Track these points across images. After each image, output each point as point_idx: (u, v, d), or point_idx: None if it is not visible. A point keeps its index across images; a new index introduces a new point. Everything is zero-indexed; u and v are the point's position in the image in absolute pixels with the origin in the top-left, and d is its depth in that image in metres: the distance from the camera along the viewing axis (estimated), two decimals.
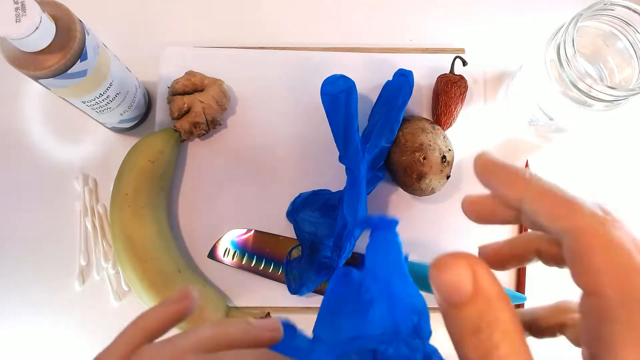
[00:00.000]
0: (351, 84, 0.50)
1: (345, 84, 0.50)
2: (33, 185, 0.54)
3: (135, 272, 0.46)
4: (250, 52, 0.56)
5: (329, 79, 0.50)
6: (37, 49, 0.36)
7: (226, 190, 0.53)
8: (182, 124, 0.51)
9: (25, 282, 0.52)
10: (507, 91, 0.55)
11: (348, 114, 0.50)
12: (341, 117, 0.50)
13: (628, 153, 0.56)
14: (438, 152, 0.48)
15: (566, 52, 0.42)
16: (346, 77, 0.50)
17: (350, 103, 0.50)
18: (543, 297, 0.53)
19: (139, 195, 0.48)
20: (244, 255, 0.52)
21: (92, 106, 0.45)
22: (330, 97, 0.50)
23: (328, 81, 0.50)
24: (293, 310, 0.51)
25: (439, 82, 0.53)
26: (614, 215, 0.20)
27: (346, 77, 0.50)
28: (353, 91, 0.50)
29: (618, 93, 0.41)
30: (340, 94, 0.49)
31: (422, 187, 0.48)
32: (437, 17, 0.59)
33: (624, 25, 0.45)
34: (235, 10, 0.59)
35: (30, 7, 0.34)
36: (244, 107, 0.55)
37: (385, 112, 0.50)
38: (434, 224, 0.53)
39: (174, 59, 0.55)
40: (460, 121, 0.54)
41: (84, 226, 0.53)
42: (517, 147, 0.55)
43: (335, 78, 0.50)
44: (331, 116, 0.50)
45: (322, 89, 0.50)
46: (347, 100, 0.50)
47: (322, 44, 0.57)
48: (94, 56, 0.40)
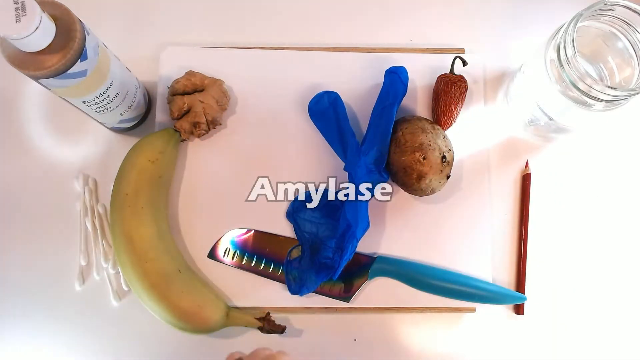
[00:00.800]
0: (335, 95, 0.52)
1: (330, 97, 0.52)
2: (33, 185, 0.54)
3: (135, 272, 0.46)
4: (250, 52, 0.56)
5: (314, 99, 0.52)
6: (37, 49, 0.36)
7: (226, 190, 0.53)
8: (182, 124, 0.51)
9: (25, 282, 0.52)
10: (507, 91, 0.55)
11: (340, 124, 0.52)
12: (334, 129, 0.52)
13: (628, 153, 0.56)
14: (438, 152, 0.48)
15: (566, 52, 0.42)
16: (329, 91, 0.52)
17: (339, 113, 0.52)
18: (543, 297, 0.53)
19: (139, 195, 0.48)
20: (244, 255, 0.52)
21: (92, 106, 0.45)
22: (319, 115, 0.52)
23: (314, 101, 0.52)
24: (293, 310, 0.51)
25: (439, 82, 0.53)
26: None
27: (329, 91, 0.52)
28: (338, 101, 0.52)
29: (618, 93, 0.41)
30: (327, 109, 0.52)
31: (422, 187, 0.48)
32: (437, 17, 0.59)
33: (624, 25, 0.45)
34: (235, 10, 0.59)
35: (30, 7, 0.34)
36: (244, 107, 0.55)
37: (379, 112, 0.51)
38: (434, 224, 0.53)
39: (174, 59, 0.55)
40: (460, 121, 0.54)
41: (84, 226, 0.53)
42: (517, 147, 0.55)
43: (319, 96, 0.52)
44: (325, 131, 0.53)
45: (310, 110, 0.53)
46: (335, 112, 0.52)
47: (322, 44, 0.57)
48: (94, 56, 0.40)
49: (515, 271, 0.53)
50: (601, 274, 0.53)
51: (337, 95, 0.52)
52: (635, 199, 0.55)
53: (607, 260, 0.54)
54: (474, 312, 0.52)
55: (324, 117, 0.52)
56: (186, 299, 0.47)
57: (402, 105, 0.54)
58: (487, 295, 0.50)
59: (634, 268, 0.54)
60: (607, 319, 0.53)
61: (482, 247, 0.52)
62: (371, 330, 0.52)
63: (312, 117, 0.53)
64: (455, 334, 0.52)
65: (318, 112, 0.52)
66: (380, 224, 0.52)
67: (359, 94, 0.55)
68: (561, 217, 0.54)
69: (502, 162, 0.55)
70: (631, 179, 0.55)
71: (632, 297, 0.53)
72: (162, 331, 0.50)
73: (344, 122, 0.51)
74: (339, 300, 0.51)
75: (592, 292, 0.53)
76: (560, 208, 0.54)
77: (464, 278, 0.51)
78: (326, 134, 0.53)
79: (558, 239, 0.54)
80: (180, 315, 0.47)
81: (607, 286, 0.53)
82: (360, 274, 0.51)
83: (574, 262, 0.54)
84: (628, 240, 0.54)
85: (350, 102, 0.54)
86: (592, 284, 0.53)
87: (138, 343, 0.51)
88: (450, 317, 0.52)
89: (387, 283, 0.51)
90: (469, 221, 0.53)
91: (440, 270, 0.51)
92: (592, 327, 0.52)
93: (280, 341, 0.51)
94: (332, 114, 0.52)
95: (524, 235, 0.53)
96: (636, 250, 0.54)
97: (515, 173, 0.55)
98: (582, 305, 0.53)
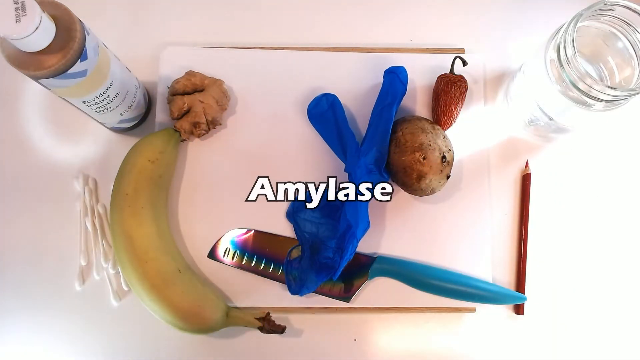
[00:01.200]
0: (333, 98, 0.52)
1: (328, 100, 0.52)
2: (33, 185, 0.54)
3: (135, 272, 0.46)
4: (250, 52, 0.56)
5: (312, 103, 0.53)
6: (37, 49, 0.36)
7: (226, 190, 0.53)
8: (182, 124, 0.51)
9: (25, 282, 0.52)
10: (507, 91, 0.55)
11: (339, 126, 0.52)
12: (333, 131, 0.52)
13: (628, 153, 0.56)
14: (438, 152, 0.48)
15: (566, 52, 0.42)
16: (327, 94, 0.53)
17: (337, 115, 0.52)
18: (543, 297, 0.53)
19: (139, 195, 0.48)
20: (244, 255, 0.52)
21: (92, 106, 0.45)
22: (318, 118, 0.53)
23: (312, 105, 0.53)
24: (293, 310, 0.51)
25: (439, 82, 0.53)
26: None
27: (327, 94, 0.53)
28: (337, 103, 0.53)
29: (618, 93, 0.41)
30: (326, 112, 0.52)
31: (422, 187, 0.48)
32: (437, 17, 0.59)
33: (624, 25, 0.45)
34: (235, 10, 0.59)
35: (30, 7, 0.34)
36: (244, 107, 0.55)
37: (378, 112, 0.51)
38: (434, 224, 0.53)
39: (174, 59, 0.55)
40: (460, 121, 0.54)
41: (84, 226, 0.53)
42: (517, 147, 0.55)
43: (317, 99, 0.53)
44: (325, 134, 0.54)
45: (309, 113, 0.53)
46: (334, 114, 0.52)
47: (322, 44, 0.57)
48: (94, 56, 0.40)
49: (515, 271, 0.53)
50: (601, 273, 0.53)
51: (335, 97, 0.52)
52: (635, 199, 0.55)
53: (607, 260, 0.54)
54: (474, 312, 0.52)
55: (323, 120, 0.52)
56: (186, 299, 0.47)
57: (402, 105, 0.54)
58: (487, 295, 0.50)
59: (634, 268, 0.54)
60: (607, 319, 0.53)
61: (482, 247, 0.52)
62: (371, 330, 0.52)
63: (312, 120, 0.53)
64: (455, 334, 0.52)
65: (317, 115, 0.53)
66: (380, 224, 0.52)
67: (359, 94, 0.55)
68: (561, 217, 0.54)
69: (502, 162, 0.55)
70: (631, 179, 0.55)
71: (632, 297, 0.53)
72: (162, 331, 0.50)
73: (343, 123, 0.51)
74: (339, 300, 0.51)
75: (592, 292, 0.53)
76: (560, 208, 0.54)
77: (464, 278, 0.51)
78: (326, 137, 0.53)
79: (558, 239, 0.54)
80: (180, 315, 0.47)
81: (607, 286, 0.53)
82: (360, 274, 0.51)
83: (574, 262, 0.54)
84: (628, 240, 0.54)
85: (350, 102, 0.54)
86: (592, 284, 0.53)
87: (138, 343, 0.51)
88: (450, 317, 0.52)
89: (387, 283, 0.51)
90: (468, 221, 0.53)
91: (440, 270, 0.51)
92: (592, 327, 0.52)
93: (280, 341, 0.51)
94: (331, 116, 0.52)
95: (524, 235, 0.53)
96: (636, 250, 0.54)
97: (515, 173, 0.55)
98: (582, 305, 0.53)
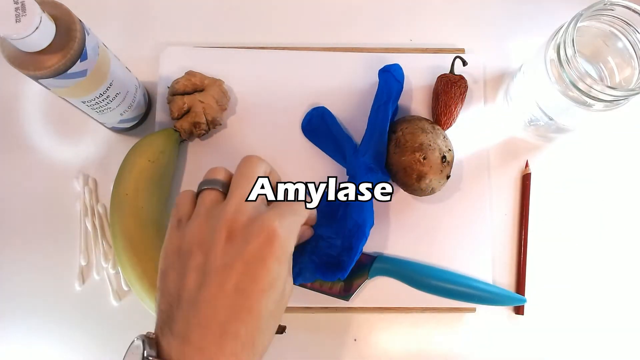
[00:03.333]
0: (322, 110, 0.53)
1: (318, 113, 0.53)
2: (33, 185, 0.54)
3: (135, 272, 0.46)
4: (250, 52, 0.56)
5: (305, 120, 0.54)
6: (37, 49, 0.36)
7: None
8: (182, 124, 0.51)
9: (25, 282, 0.52)
10: (507, 91, 0.55)
11: (334, 135, 0.52)
12: (331, 142, 0.53)
13: (628, 153, 0.56)
14: (438, 152, 0.48)
15: (566, 52, 0.42)
16: (315, 108, 0.54)
17: (330, 124, 0.53)
18: (543, 297, 0.53)
19: (139, 195, 0.48)
20: None
21: (92, 106, 0.45)
22: (314, 133, 0.54)
23: (305, 122, 0.54)
24: (293, 310, 0.51)
25: (439, 82, 0.53)
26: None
27: (315, 108, 0.54)
28: (326, 113, 0.53)
29: (618, 93, 0.41)
30: (320, 125, 0.53)
31: (422, 187, 0.48)
32: (437, 17, 0.59)
33: (624, 25, 0.45)
34: (235, 10, 0.59)
35: (30, 7, 0.34)
36: (244, 107, 0.55)
37: (374, 111, 0.51)
38: (434, 224, 0.53)
39: (174, 59, 0.55)
40: (460, 121, 0.54)
41: (84, 226, 0.53)
42: (517, 147, 0.55)
43: (308, 116, 0.54)
44: (323, 146, 0.54)
45: (304, 130, 0.54)
46: (327, 124, 0.53)
47: (322, 44, 0.57)
48: (94, 56, 0.40)
49: (515, 271, 0.53)
50: (601, 274, 0.53)
51: (324, 108, 0.53)
52: (636, 199, 0.55)
53: (607, 261, 0.54)
54: (474, 312, 0.52)
55: (319, 134, 0.53)
56: None
57: (402, 106, 0.54)
58: (487, 296, 0.50)
59: (634, 268, 0.54)
60: (607, 319, 0.53)
61: (482, 247, 0.52)
62: (371, 330, 0.52)
63: (307, 137, 0.54)
64: (455, 334, 0.52)
65: (312, 130, 0.53)
66: (380, 224, 0.52)
67: (360, 95, 0.55)
68: (561, 218, 0.54)
69: (502, 162, 0.55)
70: (631, 179, 0.55)
71: (632, 298, 0.53)
72: None
73: (337, 131, 0.52)
74: (338, 298, 0.51)
75: (592, 293, 0.53)
76: (560, 208, 0.54)
77: (464, 278, 0.51)
78: (325, 149, 0.53)
79: (558, 239, 0.54)
80: None
81: (607, 286, 0.53)
82: (360, 273, 0.51)
83: (574, 262, 0.54)
84: (628, 240, 0.54)
85: (351, 102, 0.54)
86: (592, 284, 0.53)
87: None
88: (450, 317, 0.52)
89: (387, 283, 0.51)
90: (469, 221, 0.53)
91: (440, 270, 0.51)
92: (592, 328, 0.52)
93: (280, 341, 0.51)
94: (325, 128, 0.53)
95: (524, 235, 0.53)
96: (636, 250, 0.54)
97: (515, 173, 0.55)
98: (582, 305, 0.53)
